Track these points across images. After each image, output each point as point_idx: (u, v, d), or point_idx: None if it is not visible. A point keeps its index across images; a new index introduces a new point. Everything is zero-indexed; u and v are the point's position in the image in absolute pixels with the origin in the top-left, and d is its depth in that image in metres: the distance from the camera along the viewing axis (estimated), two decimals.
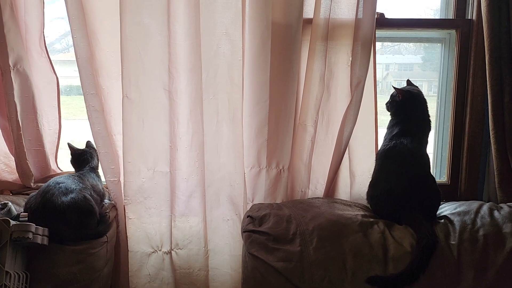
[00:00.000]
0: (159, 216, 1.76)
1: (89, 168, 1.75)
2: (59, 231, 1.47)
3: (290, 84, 1.70)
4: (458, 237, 1.47)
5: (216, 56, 1.65)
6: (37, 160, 1.81)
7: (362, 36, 1.67)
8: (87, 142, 1.81)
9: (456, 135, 1.91)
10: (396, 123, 1.70)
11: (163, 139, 1.71)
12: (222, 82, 1.68)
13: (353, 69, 1.70)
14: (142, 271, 1.77)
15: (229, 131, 1.71)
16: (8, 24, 1.63)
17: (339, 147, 1.75)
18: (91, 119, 1.67)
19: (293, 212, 1.57)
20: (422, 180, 1.59)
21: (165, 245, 1.78)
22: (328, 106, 1.77)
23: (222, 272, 1.80)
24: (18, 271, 1.38)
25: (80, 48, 1.61)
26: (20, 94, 1.70)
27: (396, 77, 2.29)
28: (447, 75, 1.96)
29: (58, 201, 1.50)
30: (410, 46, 2.28)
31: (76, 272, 1.47)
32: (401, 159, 1.60)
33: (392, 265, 1.41)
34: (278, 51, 1.67)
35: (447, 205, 1.67)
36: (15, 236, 1.34)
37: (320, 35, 1.68)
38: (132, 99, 1.66)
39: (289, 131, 1.73)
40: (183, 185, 1.76)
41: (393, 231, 1.51)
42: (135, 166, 1.71)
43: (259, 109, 1.71)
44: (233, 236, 1.78)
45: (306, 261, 1.43)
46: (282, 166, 1.76)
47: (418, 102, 1.71)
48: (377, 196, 1.63)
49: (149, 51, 1.64)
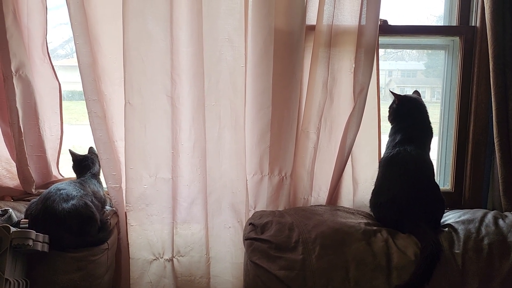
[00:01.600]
0: (161, 223, 1.75)
1: (91, 174, 1.74)
2: (59, 238, 1.46)
3: (292, 90, 1.69)
4: (462, 246, 1.45)
5: (219, 62, 1.65)
6: (39, 166, 1.80)
7: (365, 42, 1.67)
8: (90, 148, 1.80)
9: (460, 142, 1.90)
10: (397, 130, 1.69)
11: (165, 146, 1.71)
12: (225, 88, 1.67)
13: (356, 76, 1.69)
14: (144, 279, 1.76)
15: (231, 137, 1.70)
16: (10, 30, 1.63)
17: (342, 154, 1.74)
18: (93, 125, 1.67)
19: (295, 220, 1.56)
20: (426, 188, 1.57)
21: (167, 252, 1.77)
22: (331, 113, 1.76)
23: (224, 280, 1.78)
24: (18, 278, 1.36)
25: (83, 54, 1.61)
26: (22, 100, 1.69)
27: (399, 83, 2.28)
28: (451, 82, 1.95)
29: (59, 208, 1.49)
30: (413, 53, 2.28)
31: (77, 279, 1.46)
32: (404, 167, 1.58)
33: (395, 274, 1.39)
34: (281, 57, 1.67)
35: (451, 213, 1.66)
36: (15, 243, 1.33)
37: (323, 41, 1.68)
38: (134, 105, 1.65)
39: (291, 137, 1.72)
40: (185, 192, 1.75)
41: (396, 239, 1.49)
42: (137, 172, 1.70)
43: (262, 116, 1.70)
44: (234, 243, 1.77)
45: (308, 269, 1.41)
46: (284, 173, 1.75)
47: (416, 107, 1.70)
48: (380, 204, 1.61)
49: (151, 57, 1.64)
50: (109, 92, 1.69)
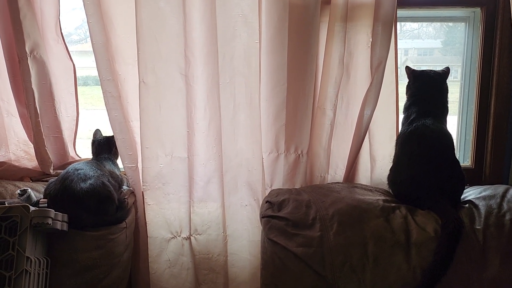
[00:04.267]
0: (177, 201, 1.75)
1: (107, 155, 1.75)
2: (78, 217, 1.48)
3: (308, 67, 1.66)
4: (483, 221, 1.43)
5: (233, 39, 1.62)
6: (56, 147, 1.81)
7: (383, 15, 1.62)
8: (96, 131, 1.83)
9: (481, 117, 1.85)
10: (411, 104, 1.65)
11: (180, 125, 1.70)
12: (239, 65, 1.64)
13: (374, 50, 1.65)
14: (162, 257, 1.77)
15: (246, 115, 1.68)
16: (23, 10, 1.62)
17: (359, 131, 1.71)
18: (108, 106, 1.66)
19: (312, 197, 1.54)
20: (447, 164, 1.54)
21: (184, 230, 1.78)
22: (348, 89, 1.72)
23: (241, 258, 1.79)
24: (39, 257, 1.38)
25: (96, 33, 1.59)
26: (38, 81, 1.69)
27: (415, 62, 2.22)
28: (471, 56, 1.89)
29: (77, 188, 1.50)
30: (430, 30, 2.21)
31: (96, 257, 1.48)
32: (424, 142, 1.55)
33: (415, 250, 1.38)
34: (296, 33, 1.63)
35: (472, 189, 1.62)
36: (35, 221, 1.35)
37: (339, 16, 1.63)
38: (149, 84, 1.64)
39: (307, 115, 1.69)
40: (201, 171, 1.75)
41: (416, 216, 1.47)
42: (152, 152, 1.70)
43: (277, 93, 1.67)
44: (251, 221, 1.76)
45: (326, 246, 1.41)
46: (300, 150, 1.73)
47: (428, 81, 1.65)
48: (399, 181, 1.59)
49: (164, 35, 1.61)
50: (123, 71, 1.68)
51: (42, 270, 1.39)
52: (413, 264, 1.36)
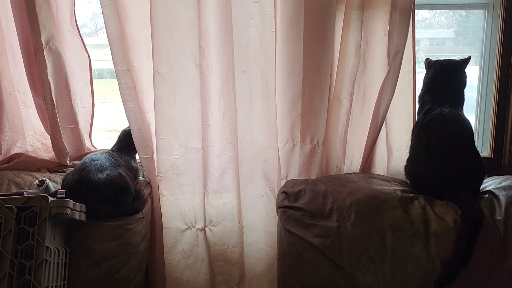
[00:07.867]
0: (192, 192, 1.75)
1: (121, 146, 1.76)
2: (95, 207, 1.48)
3: (324, 56, 1.64)
4: (504, 212, 1.40)
5: (248, 28, 1.60)
6: (72, 138, 1.82)
7: (401, 3, 1.59)
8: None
9: (500, 107, 1.82)
10: (424, 93, 1.63)
11: (194, 115, 1.69)
12: (254, 55, 1.63)
13: (391, 39, 1.62)
14: (177, 248, 1.78)
15: (262, 105, 1.67)
16: (39, 2, 1.62)
17: (376, 120, 1.69)
18: (124, 96, 1.66)
19: (329, 188, 1.53)
20: (466, 154, 1.51)
21: (199, 221, 1.78)
22: (364, 78, 1.70)
23: (257, 248, 1.78)
24: (58, 246, 1.39)
25: (111, 24, 1.59)
26: (54, 72, 1.70)
27: (427, 52, 2.18)
28: (490, 44, 1.85)
29: (95, 178, 1.50)
30: (442, 20, 2.16)
31: (114, 247, 1.49)
32: (442, 132, 1.52)
33: (434, 241, 1.36)
34: (312, 21, 1.61)
35: (491, 179, 1.60)
36: (53, 212, 1.35)
37: (356, 3, 1.61)
38: (163, 74, 1.63)
39: (323, 105, 1.68)
40: (215, 162, 1.75)
41: (434, 206, 1.45)
42: (167, 142, 1.70)
43: (293, 83, 1.66)
44: (267, 212, 1.76)
45: (343, 236, 1.40)
46: (316, 141, 1.71)
47: (440, 69, 1.63)
48: (417, 172, 1.57)
49: (179, 25, 1.60)
50: (137, 62, 1.67)
51: (61, 260, 1.40)
52: (432, 255, 1.35)
